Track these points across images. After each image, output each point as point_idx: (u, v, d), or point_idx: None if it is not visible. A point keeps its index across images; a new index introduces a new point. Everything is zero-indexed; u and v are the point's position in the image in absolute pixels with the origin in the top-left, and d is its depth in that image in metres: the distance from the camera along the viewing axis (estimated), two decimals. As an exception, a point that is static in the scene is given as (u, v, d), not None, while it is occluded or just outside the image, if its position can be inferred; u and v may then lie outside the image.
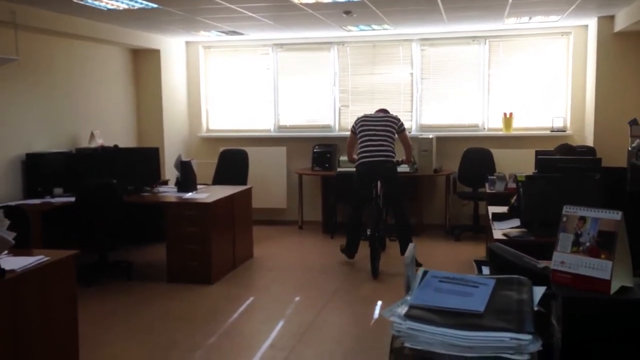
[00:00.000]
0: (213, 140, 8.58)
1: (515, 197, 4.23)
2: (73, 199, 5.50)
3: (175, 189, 6.19)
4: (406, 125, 7.97)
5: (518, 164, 6.76)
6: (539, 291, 1.50)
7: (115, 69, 7.56)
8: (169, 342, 4.19)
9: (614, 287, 1.52)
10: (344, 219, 5.93)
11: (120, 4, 5.57)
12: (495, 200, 5.38)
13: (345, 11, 6.07)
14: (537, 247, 3.10)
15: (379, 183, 6.00)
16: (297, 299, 5.22)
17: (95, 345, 4.12)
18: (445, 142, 7.82)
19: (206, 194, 5.97)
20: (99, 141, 6.74)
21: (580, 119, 7.49)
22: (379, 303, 5.05)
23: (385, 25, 7.11)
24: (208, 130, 8.77)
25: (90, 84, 7.02)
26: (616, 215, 1.55)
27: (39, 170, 5.84)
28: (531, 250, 1.92)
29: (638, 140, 5.46)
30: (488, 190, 5.96)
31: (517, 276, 1.57)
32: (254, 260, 6.49)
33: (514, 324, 1.38)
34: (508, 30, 7.56)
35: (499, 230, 3.80)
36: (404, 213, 6.06)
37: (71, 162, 6.14)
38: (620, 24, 6.51)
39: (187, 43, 8.56)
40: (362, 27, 7.27)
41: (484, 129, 7.87)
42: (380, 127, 6.04)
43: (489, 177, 6.07)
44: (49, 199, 5.67)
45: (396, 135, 6.06)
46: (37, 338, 3.17)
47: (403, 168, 7.38)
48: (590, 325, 1.47)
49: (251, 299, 5.25)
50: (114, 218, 5.54)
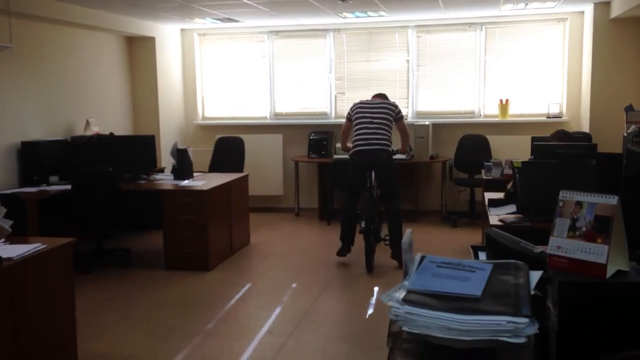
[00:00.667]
0: (209, 128, 8.57)
1: (511, 183, 4.25)
2: (69, 187, 5.49)
3: (172, 177, 6.19)
4: (402, 112, 8.01)
5: (514, 151, 6.78)
6: (536, 275, 1.52)
7: (110, 56, 7.52)
8: (167, 329, 4.21)
9: (610, 271, 1.53)
10: (340, 205, 5.89)
11: (114, -9, 5.53)
12: (491, 186, 5.41)
13: (341, -3, 6.05)
14: (533, 233, 3.11)
15: (373, 173, 5.73)
16: (294, 285, 5.25)
17: (93, 332, 4.14)
18: (441, 129, 7.82)
19: (202, 181, 5.97)
20: (95, 129, 6.72)
21: (576, 106, 7.50)
22: (376, 288, 5.08)
23: (381, 12, 7.08)
24: (204, 117, 8.75)
25: (85, 72, 6.98)
26: (612, 200, 1.56)
27: (34, 158, 5.82)
28: (527, 235, 1.92)
29: (634, 127, 5.49)
30: (484, 177, 5.98)
31: (514, 261, 1.58)
32: (251, 247, 6.51)
33: (511, 307, 1.39)
34: (504, 16, 7.54)
35: (495, 216, 3.82)
36: (396, 207, 5.73)
37: (67, 150, 6.12)
38: (616, 10, 6.50)
39: (182, 30, 8.51)
40: (358, 14, 7.24)
41: (480, 115, 7.88)
42: (377, 114, 5.73)
43: (485, 164, 6.08)
44: (45, 187, 5.66)
45: (393, 123, 5.79)
46: (35, 325, 3.18)
47: (399, 155, 7.40)
48: (586, 309, 1.49)
49: (248, 285, 5.27)
50: (111, 206, 5.53)
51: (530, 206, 3.69)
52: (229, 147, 7.63)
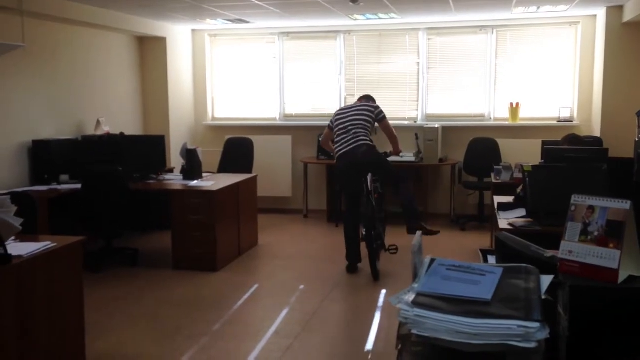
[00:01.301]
0: (219, 129, 8.58)
1: (521, 187, 4.22)
2: (79, 186, 5.52)
3: (181, 177, 6.21)
4: (412, 114, 8.03)
5: (524, 154, 6.75)
6: (547, 280, 1.50)
7: (121, 56, 7.56)
8: (174, 329, 4.21)
9: (622, 277, 1.52)
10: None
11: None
12: (501, 190, 5.38)
13: (352, 0, 6.04)
14: (543, 237, 3.09)
15: (369, 176, 5.50)
16: (302, 287, 5.24)
17: (101, 330, 4.15)
18: (451, 132, 7.80)
19: (211, 182, 5.98)
20: (105, 129, 6.75)
21: (588, 110, 7.45)
22: (384, 291, 5.06)
23: (392, 14, 7.07)
24: (214, 118, 8.77)
25: (96, 72, 7.02)
26: (625, 205, 1.54)
27: (45, 157, 5.85)
28: (537, 240, 1.91)
29: (645, 131, 5.44)
30: (494, 180, 5.95)
31: (525, 265, 1.57)
32: (259, 248, 6.51)
33: (522, 312, 1.38)
34: (516, 19, 7.51)
35: (505, 220, 3.80)
36: (404, 189, 5.50)
37: (77, 150, 6.16)
38: (629, 14, 6.46)
39: (194, 31, 8.54)
40: (369, 16, 7.24)
41: (490, 118, 7.85)
42: (355, 117, 5.50)
43: (495, 167, 6.05)
44: (55, 186, 5.69)
45: (376, 124, 5.54)
46: (44, 323, 3.19)
47: (408, 157, 7.40)
48: (597, 314, 1.47)
49: (256, 286, 5.27)
50: (120, 205, 5.56)
51: (540, 210, 3.67)
52: (238, 148, 7.65)
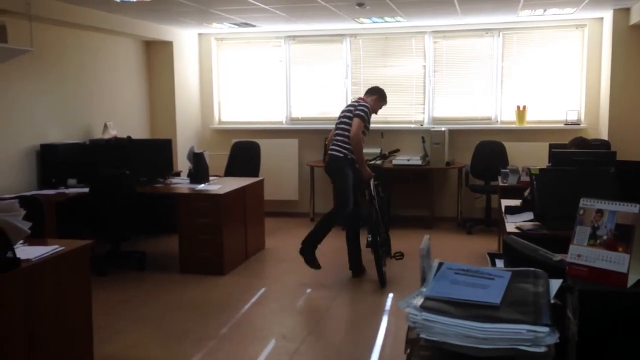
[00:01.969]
0: (225, 132, 8.60)
1: (528, 191, 4.21)
2: (87, 190, 5.54)
3: (188, 181, 6.22)
4: (418, 118, 8.02)
5: (531, 157, 6.72)
6: (556, 284, 1.50)
7: (128, 60, 7.59)
8: (181, 332, 4.22)
9: (631, 281, 1.51)
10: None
11: (133, -4, 5.59)
12: (508, 193, 5.36)
13: (358, 3, 6.05)
14: (551, 241, 3.08)
15: (371, 183, 5.45)
16: (309, 290, 5.24)
17: (109, 333, 4.16)
18: (457, 135, 7.79)
19: (218, 185, 5.99)
20: (112, 132, 6.77)
21: (595, 113, 7.42)
22: (391, 295, 5.05)
23: (398, 18, 7.08)
24: (220, 122, 8.78)
25: (103, 76, 7.05)
26: (634, 209, 1.54)
27: (53, 161, 5.88)
28: (545, 243, 1.90)
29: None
30: (501, 184, 5.93)
31: (533, 269, 1.57)
32: (266, 251, 6.51)
33: (531, 316, 1.37)
34: (522, 22, 7.50)
35: (512, 224, 3.79)
36: (330, 214, 5.52)
37: (85, 153, 6.18)
38: (636, 17, 6.43)
39: (200, 35, 8.57)
40: (375, 19, 7.24)
41: (497, 122, 7.83)
42: (340, 119, 5.52)
43: (502, 170, 6.04)
44: (63, 190, 5.71)
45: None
46: (52, 326, 3.20)
47: (415, 161, 7.39)
48: (607, 318, 1.47)
49: (263, 289, 5.27)
50: (127, 209, 5.57)
51: (548, 214, 3.66)
52: (244, 152, 7.66)
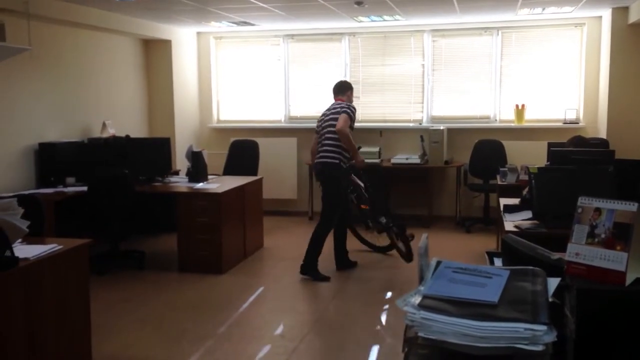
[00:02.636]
0: (224, 131, 8.60)
1: (527, 189, 4.21)
2: (85, 189, 5.53)
3: (187, 179, 6.22)
4: (417, 116, 8.02)
5: (530, 156, 6.73)
6: (554, 282, 1.50)
7: (127, 59, 7.58)
8: (180, 331, 4.22)
9: (629, 279, 1.51)
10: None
11: (132, -6, 5.58)
12: (507, 192, 5.36)
13: (357, 2, 6.05)
14: (550, 239, 3.08)
15: (355, 177, 5.56)
16: (307, 289, 5.24)
17: (108, 333, 4.16)
18: (456, 134, 7.79)
19: (217, 184, 5.99)
20: (111, 131, 6.77)
21: (594, 111, 7.43)
22: (389, 294, 5.05)
23: (397, 16, 7.07)
24: (219, 120, 8.78)
25: (102, 75, 7.04)
26: (632, 207, 1.54)
27: (51, 159, 5.88)
28: (543, 242, 1.91)
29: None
30: (499, 182, 5.93)
31: (532, 267, 1.57)
32: (265, 250, 6.51)
33: (529, 314, 1.37)
34: (521, 21, 7.50)
35: (511, 222, 3.79)
36: (320, 229, 5.50)
37: (83, 152, 6.18)
38: (634, 15, 6.44)
39: (198, 34, 8.56)
40: (374, 18, 7.24)
41: (496, 120, 7.83)
42: (326, 122, 5.46)
43: (501, 169, 6.04)
44: (61, 189, 5.71)
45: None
46: (51, 325, 3.20)
47: (414, 160, 7.39)
48: (605, 316, 1.47)
49: (261, 288, 5.27)
50: (126, 208, 5.57)
51: (546, 212, 3.66)
52: (243, 150, 7.66)
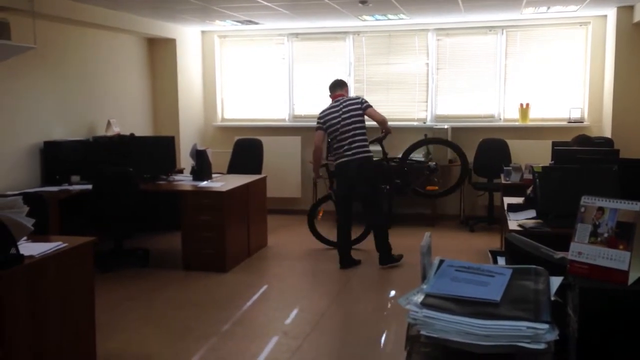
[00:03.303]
0: (228, 130, 8.61)
1: (531, 188, 4.21)
2: (90, 187, 5.56)
3: (191, 178, 6.23)
4: (421, 115, 8.02)
5: (534, 155, 6.71)
6: (556, 281, 1.50)
7: (131, 58, 7.60)
8: (184, 329, 4.24)
9: (632, 278, 1.51)
10: (358, 208, 5.88)
11: (136, -7, 5.60)
12: (511, 191, 5.35)
13: (361, 1, 6.05)
14: (553, 238, 3.08)
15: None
16: (311, 287, 5.25)
17: (112, 330, 4.18)
18: (460, 133, 7.78)
19: (221, 182, 6.01)
20: (116, 130, 6.79)
21: (598, 110, 7.41)
22: (393, 292, 5.06)
23: (401, 15, 7.07)
24: (223, 119, 8.80)
25: (107, 73, 7.07)
26: (635, 206, 1.53)
27: (56, 158, 5.90)
28: (547, 241, 1.91)
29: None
30: (503, 181, 5.92)
31: (534, 266, 1.57)
32: (268, 248, 6.53)
33: (531, 313, 1.38)
34: (525, 20, 7.49)
35: (515, 221, 3.79)
36: (382, 220, 5.79)
37: (88, 150, 6.20)
38: (639, 14, 6.42)
39: (203, 32, 8.57)
40: (378, 17, 7.24)
41: (500, 119, 7.82)
42: (347, 118, 5.57)
43: (505, 168, 6.02)
44: (66, 187, 5.73)
45: (364, 115, 5.62)
46: (55, 322, 3.22)
47: (418, 158, 7.38)
48: (607, 316, 1.47)
49: (265, 287, 5.28)
50: (130, 206, 5.58)
51: (550, 211, 3.65)
52: (247, 149, 7.67)
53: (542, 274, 1.53)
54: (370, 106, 5.69)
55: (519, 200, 4.38)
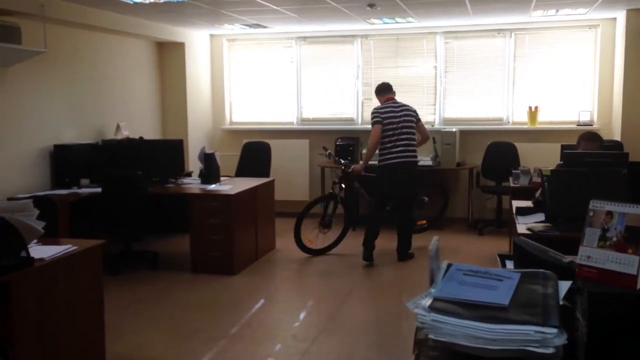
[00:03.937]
0: (236, 133, 8.64)
1: (539, 192, 4.19)
2: (99, 190, 5.59)
3: (199, 181, 6.25)
4: (429, 118, 8.01)
5: (543, 158, 6.67)
6: (565, 285, 1.50)
7: (140, 61, 7.64)
8: (192, 331, 4.25)
9: (641, 283, 1.51)
10: (366, 211, 5.92)
11: (146, -3, 5.63)
12: (519, 194, 5.34)
13: (369, 4, 6.06)
14: (562, 242, 3.07)
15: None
16: (319, 290, 5.25)
17: (120, 332, 4.20)
18: (468, 136, 7.77)
19: (229, 185, 6.02)
20: (125, 133, 6.82)
21: (608, 113, 7.38)
22: (400, 295, 5.05)
23: (409, 18, 7.07)
24: (231, 122, 8.82)
25: (116, 77, 7.11)
26: (644, 210, 1.53)
27: (66, 161, 5.94)
28: (556, 245, 1.90)
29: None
30: (512, 184, 5.91)
31: (543, 270, 1.57)
32: (276, 251, 6.53)
33: (539, 317, 1.37)
34: (534, 23, 7.47)
35: (523, 225, 3.77)
36: (411, 215, 6.21)
37: (97, 154, 6.24)
38: (649, 17, 6.39)
39: (212, 36, 8.61)
40: (386, 20, 7.24)
41: (509, 122, 7.80)
42: (404, 122, 5.89)
43: (513, 171, 6.01)
44: (75, 190, 5.76)
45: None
46: (65, 324, 3.24)
47: (425, 162, 7.38)
48: (616, 320, 1.46)
49: (273, 289, 5.28)
50: (139, 209, 5.61)
51: (559, 215, 3.64)
52: (255, 152, 7.69)
53: (551, 278, 1.53)
54: (421, 120, 6.09)
55: (528, 203, 4.37)
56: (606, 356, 1.46)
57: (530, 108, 7.58)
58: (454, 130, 7.46)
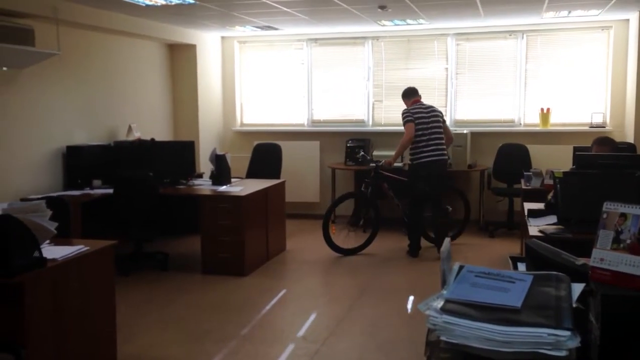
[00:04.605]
0: (247, 134, 8.66)
1: (552, 194, 4.17)
2: (111, 191, 5.62)
3: (210, 182, 6.28)
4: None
5: (555, 160, 6.66)
6: (578, 288, 1.49)
7: (152, 63, 7.68)
8: (202, 332, 4.26)
9: (655, 285, 1.49)
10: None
11: (158, 0, 5.65)
12: (531, 196, 5.31)
13: (381, 6, 6.05)
14: (574, 244, 3.05)
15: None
16: (330, 292, 5.25)
17: (131, 333, 4.22)
18: (480, 138, 7.74)
19: (240, 187, 6.04)
20: (137, 134, 6.86)
21: (621, 115, 7.32)
22: (412, 297, 5.04)
23: (421, 20, 7.06)
24: (242, 124, 8.84)
25: (128, 79, 7.15)
26: (658, 213, 1.52)
27: (78, 162, 5.98)
28: (568, 247, 1.89)
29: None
30: (524, 187, 5.87)
31: (555, 272, 1.56)
32: (287, 253, 6.54)
33: (552, 320, 1.37)
34: (546, 24, 7.43)
35: (535, 227, 3.75)
36: (445, 212, 6.49)
37: (109, 155, 6.28)
38: (663, 18, 6.34)
39: (223, 38, 8.64)
40: (397, 22, 7.24)
41: (520, 124, 7.76)
42: (435, 122, 6.14)
43: (525, 173, 5.98)
44: (88, 191, 5.80)
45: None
46: (77, 324, 3.26)
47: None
48: (629, 322, 1.45)
49: (284, 291, 5.29)
50: (150, 210, 5.64)
51: (571, 217, 3.62)
52: (266, 154, 7.70)
53: (564, 281, 1.52)
54: (446, 122, 6.40)
55: (540, 205, 4.34)
56: (619, 359, 1.45)
57: (542, 110, 7.54)
58: (465, 132, 7.44)
